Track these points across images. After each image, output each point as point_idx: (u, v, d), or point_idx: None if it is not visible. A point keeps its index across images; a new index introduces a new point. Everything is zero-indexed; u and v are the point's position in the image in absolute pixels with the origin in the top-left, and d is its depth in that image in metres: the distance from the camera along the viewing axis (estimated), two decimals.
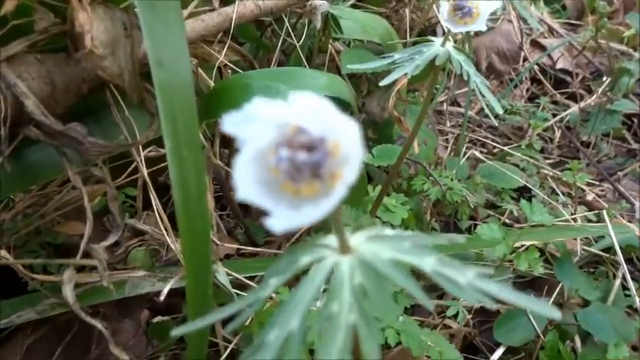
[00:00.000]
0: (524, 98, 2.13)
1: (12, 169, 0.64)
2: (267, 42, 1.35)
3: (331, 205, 0.27)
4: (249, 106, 0.29)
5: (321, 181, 0.28)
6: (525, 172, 1.55)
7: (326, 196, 0.27)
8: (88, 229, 0.62)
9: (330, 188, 0.27)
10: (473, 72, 0.73)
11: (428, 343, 0.76)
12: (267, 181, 0.29)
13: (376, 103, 1.28)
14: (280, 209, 0.27)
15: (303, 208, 0.27)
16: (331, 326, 0.31)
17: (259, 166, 0.28)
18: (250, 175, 0.28)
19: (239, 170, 0.27)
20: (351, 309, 0.32)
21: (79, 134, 0.59)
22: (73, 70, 0.66)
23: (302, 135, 0.27)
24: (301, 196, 0.28)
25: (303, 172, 0.27)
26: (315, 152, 0.27)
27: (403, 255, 0.36)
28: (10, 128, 0.60)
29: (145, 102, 0.65)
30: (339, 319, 0.31)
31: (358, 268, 0.34)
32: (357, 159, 0.27)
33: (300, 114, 0.28)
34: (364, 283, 0.33)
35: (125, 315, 0.80)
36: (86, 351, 0.77)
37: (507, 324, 1.00)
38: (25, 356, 0.74)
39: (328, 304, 0.32)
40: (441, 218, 1.37)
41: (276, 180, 0.28)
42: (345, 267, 0.34)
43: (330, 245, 0.37)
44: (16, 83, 0.58)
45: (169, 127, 0.53)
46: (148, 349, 0.81)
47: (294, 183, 0.28)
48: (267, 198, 0.28)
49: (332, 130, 0.27)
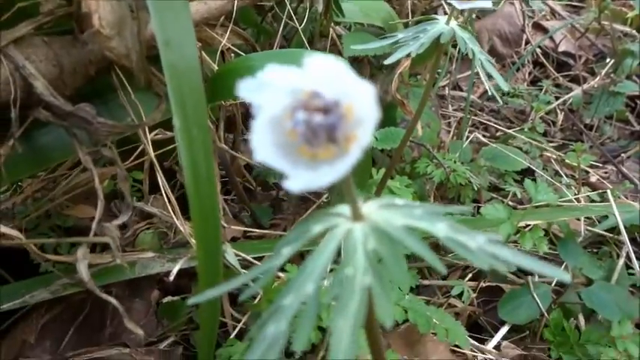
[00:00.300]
0: (527, 82, 2.13)
1: (23, 152, 0.64)
2: (268, 27, 1.35)
3: (347, 167, 0.27)
4: (263, 73, 0.30)
5: (337, 145, 0.28)
6: (528, 154, 1.56)
7: (342, 157, 0.28)
8: (99, 209, 0.63)
9: (345, 150, 0.28)
10: (477, 50, 0.73)
11: (434, 321, 0.77)
12: (284, 145, 0.29)
13: (379, 86, 1.28)
14: (297, 171, 0.28)
15: (320, 170, 0.28)
16: (346, 289, 0.31)
17: (276, 131, 0.29)
18: (267, 139, 0.29)
19: (256, 134, 0.28)
20: (365, 272, 0.32)
21: (88, 114, 0.59)
22: (80, 52, 0.66)
23: (317, 99, 0.28)
24: (318, 160, 0.29)
25: (319, 136, 0.28)
26: (330, 115, 0.27)
27: (416, 221, 0.36)
28: (20, 110, 0.61)
29: (152, 84, 0.65)
30: (353, 283, 0.32)
31: (371, 234, 0.35)
32: (371, 121, 0.28)
33: (314, 78, 0.28)
34: (378, 249, 0.33)
35: (136, 295, 0.81)
36: (99, 330, 0.78)
37: (511, 302, 1.01)
38: (40, 335, 0.76)
39: (342, 268, 0.33)
40: (444, 201, 1.37)
41: (293, 144, 0.29)
42: (359, 233, 0.35)
43: (342, 214, 0.37)
44: (24, 65, 0.58)
45: (178, 107, 0.53)
46: (159, 328, 0.82)
47: (310, 147, 0.29)
48: (285, 161, 0.28)
49: (346, 93, 0.28)
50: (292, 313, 0.33)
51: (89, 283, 0.62)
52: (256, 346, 0.32)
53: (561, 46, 2.16)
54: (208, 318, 0.59)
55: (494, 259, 0.35)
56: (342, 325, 0.30)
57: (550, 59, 2.18)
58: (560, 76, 2.06)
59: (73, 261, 0.62)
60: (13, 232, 0.61)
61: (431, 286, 1.10)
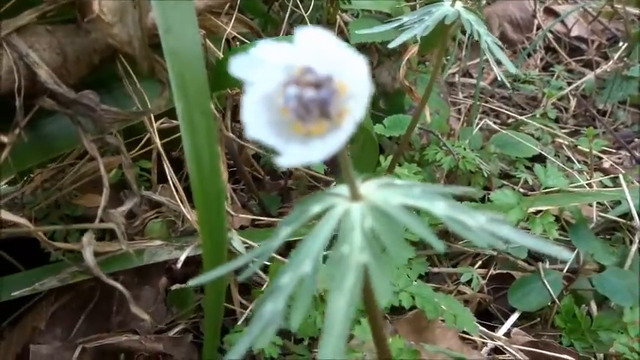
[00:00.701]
0: (539, 67, 2.10)
1: (29, 141, 0.65)
2: (274, 16, 1.35)
3: (340, 141, 0.27)
4: (256, 49, 0.29)
5: (330, 120, 0.28)
6: (540, 141, 1.54)
7: (334, 132, 0.28)
8: (104, 197, 0.63)
9: (338, 125, 0.28)
10: (484, 31, 0.72)
11: (442, 307, 0.76)
12: (277, 122, 0.29)
13: (387, 73, 1.27)
14: (290, 147, 0.28)
15: (313, 145, 0.27)
16: (342, 266, 0.31)
17: (269, 108, 0.29)
18: (260, 116, 0.28)
19: (247, 111, 0.28)
20: (361, 250, 0.32)
21: (91, 101, 0.60)
22: (83, 40, 0.66)
23: (309, 74, 0.27)
24: (311, 136, 0.28)
25: (311, 111, 0.27)
26: (322, 90, 0.27)
27: (414, 200, 0.36)
28: (25, 99, 0.61)
29: (155, 71, 0.66)
30: (349, 260, 0.31)
31: (369, 213, 0.34)
32: (364, 95, 0.27)
33: (306, 54, 0.28)
34: (375, 227, 0.33)
35: (144, 282, 0.82)
36: (109, 317, 0.79)
37: (521, 289, 1.00)
38: (50, 322, 0.77)
39: (338, 246, 0.33)
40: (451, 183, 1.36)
41: (287, 120, 0.29)
42: (356, 212, 0.35)
43: (341, 194, 0.37)
44: (28, 53, 0.59)
45: (180, 92, 0.53)
46: (168, 316, 0.83)
47: (303, 123, 0.28)
48: (278, 138, 0.28)
49: (338, 68, 0.27)
50: (289, 291, 0.32)
51: (95, 269, 0.62)
52: (254, 324, 0.32)
53: (574, 30, 2.13)
54: (213, 303, 0.59)
55: (494, 237, 0.35)
56: (338, 301, 0.29)
57: (562, 44, 2.14)
58: (572, 61, 2.03)
59: (80, 248, 0.62)
60: (21, 220, 0.61)
61: (440, 274, 1.09)
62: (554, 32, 2.19)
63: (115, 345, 0.74)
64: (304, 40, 0.28)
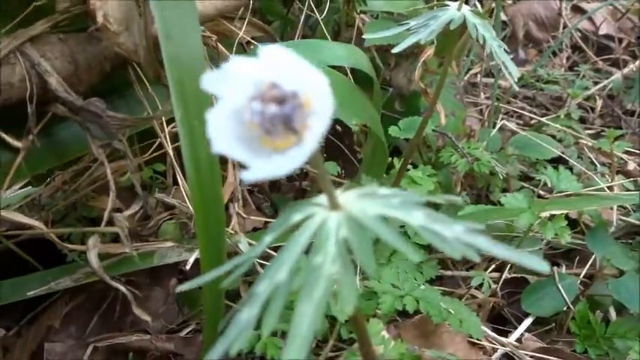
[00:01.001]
0: (565, 67, 2.05)
1: (43, 146, 0.68)
2: (293, 18, 1.36)
3: (303, 156, 0.28)
4: (227, 64, 0.30)
5: (296, 135, 0.29)
6: (562, 142, 1.51)
7: (298, 147, 0.28)
8: (111, 200, 0.65)
9: (302, 140, 0.28)
10: (489, 36, 0.72)
11: (448, 311, 0.76)
12: (246, 137, 0.30)
13: (403, 75, 1.27)
14: (256, 161, 0.29)
15: (276, 159, 0.28)
16: (313, 277, 0.32)
17: (237, 123, 0.30)
18: (228, 131, 0.29)
19: (212, 125, 0.29)
20: (333, 261, 0.33)
21: (98, 109, 0.62)
22: (94, 48, 0.69)
23: (275, 89, 0.28)
24: (277, 150, 0.29)
25: (276, 125, 0.28)
26: (285, 105, 0.28)
27: (391, 210, 0.36)
28: (38, 106, 0.64)
29: (160, 77, 0.67)
30: (321, 270, 0.32)
31: (345, 223, 0.35)
32: (326, 112, 0.28)
33: (273, 70, 0.29)
34: (348, 237, 0.34)
35: (155, 283, 0.84)
36: (121, 317, 0.82)
37: (535, 294, 0.98)
38: (64, 321, 0.80)
39: (313, 256, 0.33)
40: (472, 191, 1.35)
41: (256, 135, 0.30)
42: (333, 222, 0.35)
43: (321, 203, 0.38)
44: (39, 62, 0.61)
45: (178, 99, 0.55)
46: (179, 316, 0.85)
47: (270, 137, 0.29)
48: (245, 152, 0.29)
49: (303, 85, 0.28)
50: (264, 298, 0.33)
51: (99, 270, 0.65)
52: (231, 329, 0.33)
53: (602, 29, 2.07)
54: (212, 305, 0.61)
55: (469, 248, 0.35)
56: (305, 309, 0.30)
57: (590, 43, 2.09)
58: (599, 60, 1.98)
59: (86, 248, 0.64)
60: (35, 222, 0.64)
61: (454, 277, 1.09)
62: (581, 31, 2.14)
63: (126, 344, 0.77)
64: (270, 58, 0.28)
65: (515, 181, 1.35)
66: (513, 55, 2.11)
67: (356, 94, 0.89)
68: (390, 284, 0.78)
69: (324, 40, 1.10)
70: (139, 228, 0.85)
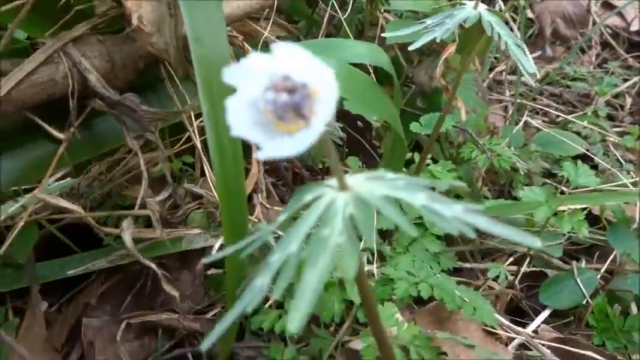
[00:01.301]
0: (594, 64, 2.04)
1: (82, 137, 0.74)
2: (318, 18, 1.40)
3: (310, 138, 0.32)
4: (245, 60, 0.34)
5: (305, 120, 0.33)
6: (588, 140, 1.50)
7: (306, 130, 0.32)
8: (143, 187, 0.71)
9: (310, 125, 0.32)
10: (505, 32, 0.74)
11: (463, 299, 0.78)
12: (262, 122, 0.34)
13: (424, 72, 1.29)
14: (269, 143, 0.33)
15: (286, 141, 0.32)
16: (320, 246, 0.36)
17: (254, 110, 0.34)
18: (245, 117, 0.33)
19: (231, 112, 0.33)
20: (340, 234, 0.36)
21: (133, 103, 0.67)
22: (129, 48, 0.74)
23: (287, 81, 0.32)
24: (289, 133, 0.33)
25: (287, 112, 0.32)
26: (295, 94, 0.32)
27: (396, 192, 0.40)
28: (78, 101, 0.69)
29: (189, 75, 0.72)
30: (327, 241, 0.36)
31: (352, 202, 0.39)
32: (331, 100, 0.32)
33: (286, 65, 0.33)
34: (354, 214, 0.37)
35: (184, 267, 0.90)
36: (152, 297, 0.88)
37: (554, 287, 1.00)
38: (100, 300, 0.86)
39: (321, 229, 0.37)
40: (495, 187, 1.37)
41: (270, 121, 0.34)
42: (341, 201, 0.39)
43: (331, 185, 0.42)
44: (80, 61, 0.67)
45: (206, 95, 0.59)
46: (205, 299, 0.90)
47: (282, 122, 0.33)
48: (261, 135, 0.33)
49: (311, 77, 0.32)
50: (276, 268, 0.37)
51: (133, 249, 0.70)
52: (246, 295, 0.37)
53: (633, 25, 2.05)
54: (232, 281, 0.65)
55: (466, 225, 0.38)
56: (311, 275, 0.34)
57: (620, 40, 2.07)
58: (630, 57, 1.96)
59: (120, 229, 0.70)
60: (74, 206, 0.70)
61: (473, 270, 1.11)
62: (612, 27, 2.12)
63: (157, 322, 0.82)
64: (283, 54, 0.32)
65: (537, 177, 1.36)
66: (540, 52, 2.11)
67: (376, 91, 0.92)
68: (406, 272, 0.81)
69: (342, 39, 1.14)
70: (168, 216, 0.91)
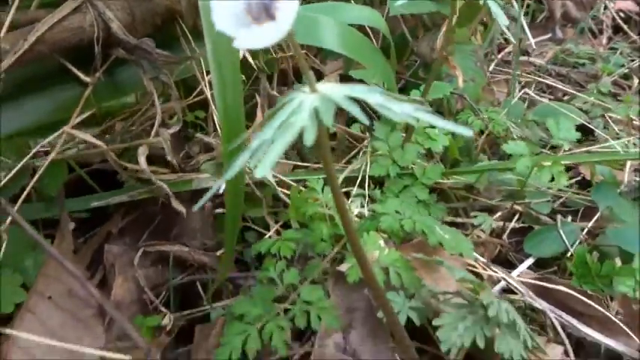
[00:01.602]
0: (605, 48, 2.08)
1: (106, 82, 0.84)
2: None
3: (278, 30, 0.41)
4: None
5: (274, 20, 0.42)
6: (589, 114, 1.56)
7: (274, 24, 0.41)
8: (157, 119, 0.80)
9: (277, 19, 0.41)
10: None
11: (444, 235, 0.86)
12: (240, 22, 0.43)
13: (426, 44, 1.36)
14: (244, 34, 0.42)
15: (260, 32, 0.41)
16: (287, 127, 0.44)
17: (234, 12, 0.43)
18: (227, 17, 0.43)
19: (216, 12, 0.42)
20: (303, 120, 0.45)
21: (148, 47, 0.77)
22: (148, 4, 0.84)
23: None
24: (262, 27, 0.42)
25: (260, 12, 0.41)
26: None
27: (357, 93, 0.48)
28: (103, 48, 0.80)
29: (197, 26, 0.82)
30: (294, 124, 0.45)
31: (317, 99, 0.47)
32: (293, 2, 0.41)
33: None
34: (318, 105, 0.46)
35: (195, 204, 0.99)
36: (167, 232, 0.98)
37: (538, 237, 1.06)
38: (120, 232, 0.96)
39: (290, 117, 0.46)
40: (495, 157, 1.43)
41: (247, 22, 0.43)
42: (309, 100, 0.48)
43: (304, 90, 0.50)
44: (105, 11, 0.77)
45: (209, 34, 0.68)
46: (214, 239, 0.99)
47: (257, 22, 0.42)
48: (241, 30, 0.42)
49: None
50: (254, 149, 0.46)
51: (146, 171, 0.80)
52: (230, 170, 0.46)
53: None
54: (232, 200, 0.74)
55: (411, 118, 0.46)
56: (278, 144, 0.43)
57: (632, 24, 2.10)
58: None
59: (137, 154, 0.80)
60: (97, 141, 0.80)
61: (465, 224, 1.18)
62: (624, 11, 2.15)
63: (170, 252, 0.92)
64: None
65: (534, 145, 1.42)
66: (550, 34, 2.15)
67: (373, 52, 1.00)
68: (394, 210, 0.89)
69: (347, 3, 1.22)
70: (182, 165, 1.01)
